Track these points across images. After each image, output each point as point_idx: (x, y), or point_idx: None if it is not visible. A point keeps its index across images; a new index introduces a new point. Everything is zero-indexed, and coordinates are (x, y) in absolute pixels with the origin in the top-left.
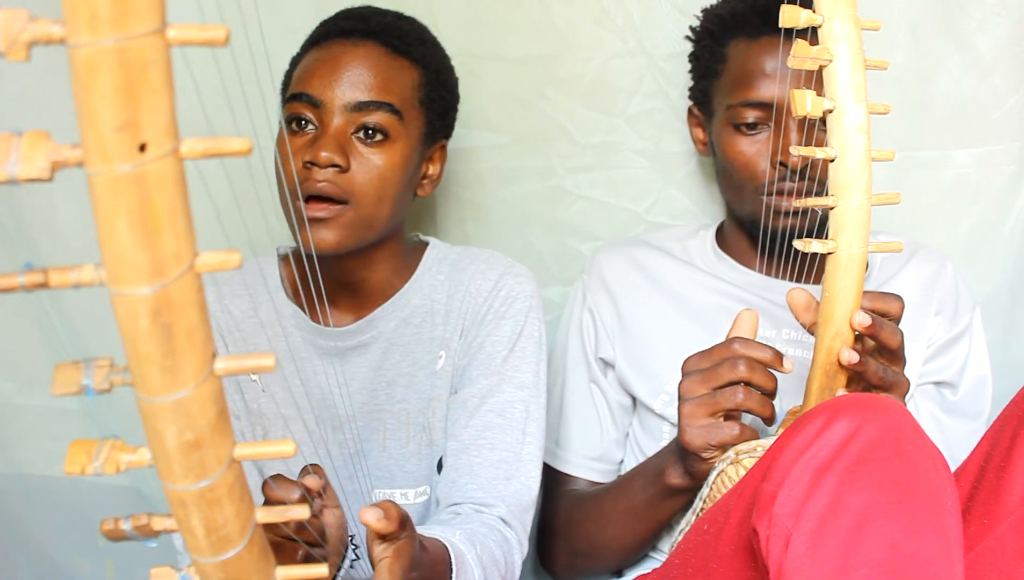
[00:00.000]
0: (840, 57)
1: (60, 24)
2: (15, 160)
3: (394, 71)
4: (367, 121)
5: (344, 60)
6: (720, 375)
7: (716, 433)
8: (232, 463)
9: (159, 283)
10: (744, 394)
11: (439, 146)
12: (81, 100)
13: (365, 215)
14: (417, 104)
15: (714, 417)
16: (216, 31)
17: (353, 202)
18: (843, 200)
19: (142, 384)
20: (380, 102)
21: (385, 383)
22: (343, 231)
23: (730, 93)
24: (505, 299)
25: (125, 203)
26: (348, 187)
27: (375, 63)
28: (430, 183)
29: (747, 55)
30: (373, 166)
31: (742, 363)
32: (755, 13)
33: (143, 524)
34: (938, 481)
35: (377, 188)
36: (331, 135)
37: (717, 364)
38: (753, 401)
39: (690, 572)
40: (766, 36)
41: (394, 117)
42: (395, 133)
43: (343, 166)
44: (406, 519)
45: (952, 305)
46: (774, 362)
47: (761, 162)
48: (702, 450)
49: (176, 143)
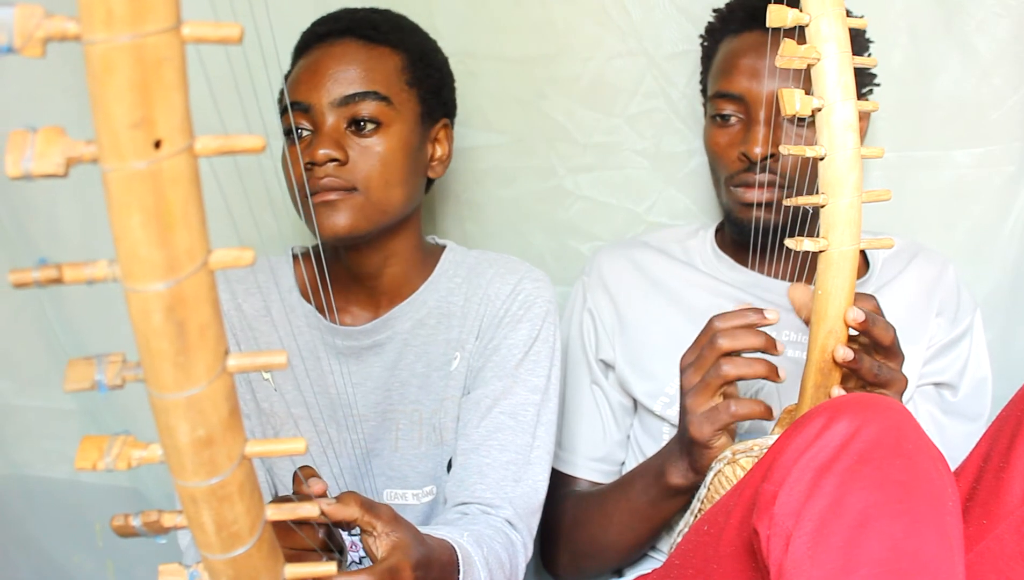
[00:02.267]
0: (828, 56)
1: (75, 21)
2: (30, 156)
3: (374, 60)
4: (357, 113)
5: (324, 61)
6: (706, 358)
7: (717, 416)
8: (243, 460)
9: (173, 280)
10: (729, 364)
11: (442, 126)
12: (96, 97)
13: (376, 200)
14: (405, 87)
15: (713, 401)
16: (230, 29)
17: (361, 189)
18: (833, 198)
19: (155, 380)
20: (365, 92)
21: (399, 383)
22: (355, 213)
23: (711, 85)
24: (523, 303)
25: (139, 200)
26: (352, 177)
27: (354, 56)
28: (440, 164)
29: (727, 50)
30: (373, 153)
31: (719, 337)
32: (742, 10)
33: (153, 520)
34: (939, 481)
35: (381, 173)
36: (325, 133)
37: (702, 349)
38: (738, 366)
39: (690, 572)
40: (747, 32)
41: (382, 104)
42: (387, 119)
43: (341, 159)
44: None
45: (953, 307)
46: (758, 320)
47: (731, 153)
48: (710, 438)
49: (191, 140)
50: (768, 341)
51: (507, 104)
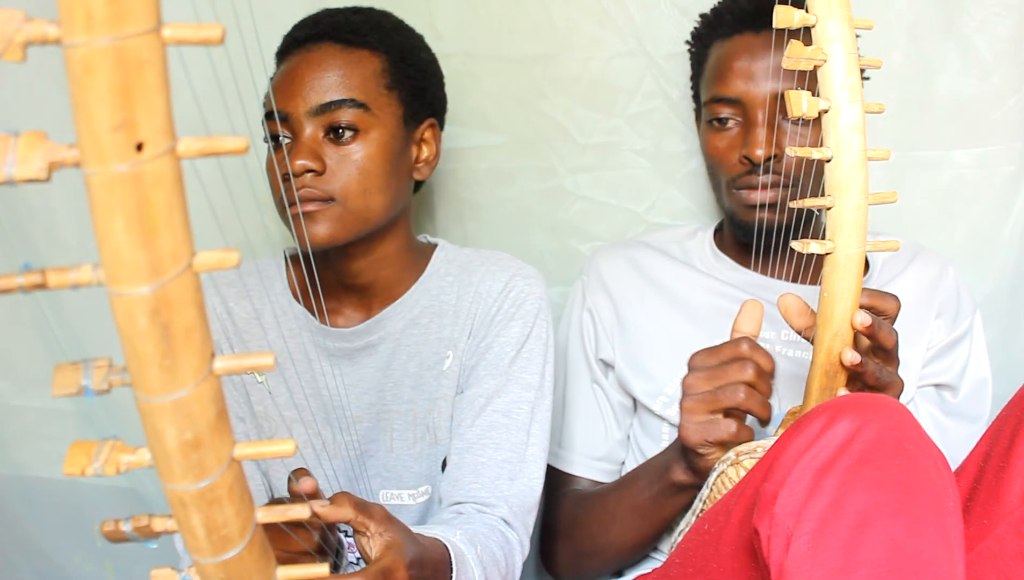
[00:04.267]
0: (835, 57)
1: (56, 24)
2: (12, 161)
3: (351, 65)
4: (334, 121)
5: (301, 68)
6: (727, 374)
7: (713, 430)
8: (232, 463)
9: (157, 283)
10: (746, 393)
11: (428, 126)
12: (77, 100)
13: (354, 209)
14: (384, 90)
15: (713, 414)
16: (212, 30)
17: (339, 199)
18: (840, 200)
19: (141, 384)
20: (341, 100)
21: (392, 383)
22: (334, 224)
23: (706, 90)
24: (515, 301)
25: (122, 203)
26: (329, 188)
27: (330, 63)
28: (427, 165)
29: (719, 54)
30: (350, 162)
31: (751, 366)
32: (730, 14)
33: (143, 525)
34: (939, 481)
35: (359, 182)
36: (303, 143)
37: (725, 363)
38: (755, 402)
39: (691, 572)
40: (738, 35)
41: (360, 110)
42: (365, 125)
43: (318, 169)
44: (387, 515)
45: (953, 308)
46: (772, 370)
47: (731, 156)
48: (699, 446)
49: (173, 142)
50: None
51: (507, 104)
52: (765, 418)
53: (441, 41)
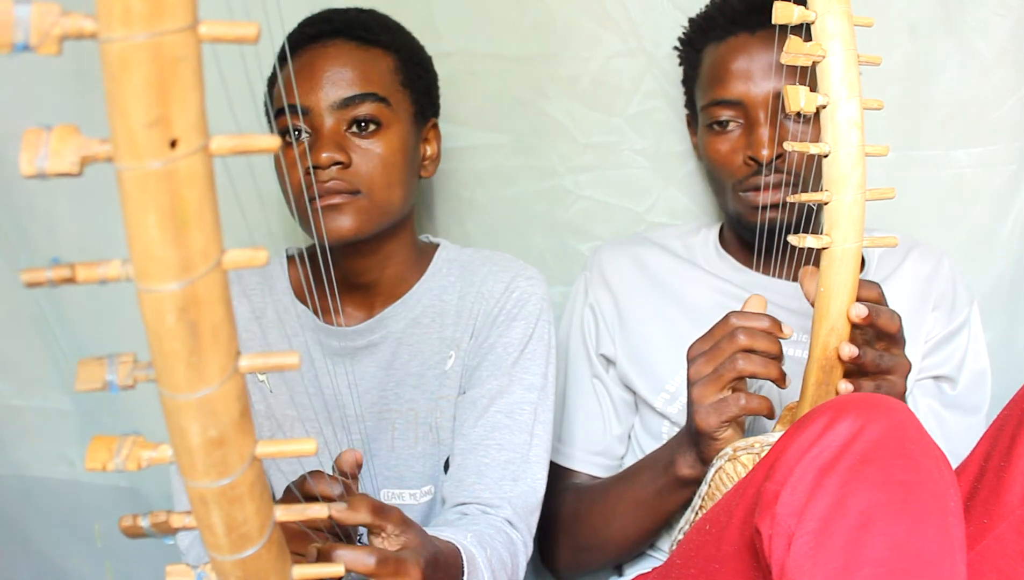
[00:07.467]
0: (833, 53)
1: (92, 19)
2: (45, 154)
3: (369, 61)
4: (357, 114)
5: (320, 63)
6: (722, 350)
7: (725, 408)
8: (253, 461)
9: (186, 280)
10: (744, 359)
11: (431, 125)
12: (112, 95)
13: (379, 201)
14: (400, 87)
15: (722, 393)
16: (247, 28)
17: (364, 192)
18: (837, 195)
19: (167, 381)
20: (364, 94)
21: (394, 383)
22: (360, 217)
23: (703, 95)
24: (517, 301)
25: (155, 199)
26: (355, 180)
27: (350, 58)
28: (432, 163)
29: (715, 56)
30: (374, 155)
31: (740, 333)
32: (722, 15)
33: (162, 521)
34: (941, 481)
35: (383, 175)
36: (327, 136)
37: (717, 342)
38: (754, 364)
39: (692, 572)
40: (733, 36)
41: (381, 104)
42: (386, 120)
43: (345, 162)
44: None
45: (949, 300)
46: (773, 328)
47: (735, 159)
48: (716, 429)
49: (206, 140)
50: (780, 350)
51: (507, 104)
52: (773, 377)
53: (441, 40)
